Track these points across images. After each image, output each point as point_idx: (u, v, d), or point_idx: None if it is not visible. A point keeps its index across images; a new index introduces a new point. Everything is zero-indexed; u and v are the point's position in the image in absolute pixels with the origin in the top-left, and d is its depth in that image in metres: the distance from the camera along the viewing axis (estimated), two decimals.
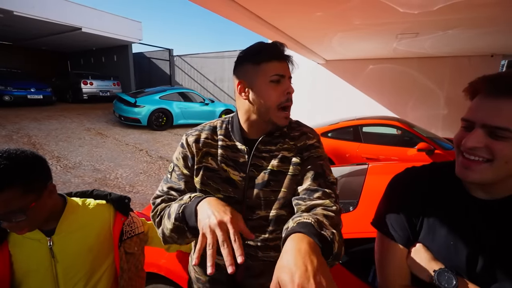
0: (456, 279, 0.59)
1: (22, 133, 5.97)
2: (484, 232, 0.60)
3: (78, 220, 0.88)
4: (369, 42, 4.36)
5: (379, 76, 6.38)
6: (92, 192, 1.00)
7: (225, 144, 0.86)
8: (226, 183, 0.83)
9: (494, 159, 0.54)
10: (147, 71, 13.27)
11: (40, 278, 0.82)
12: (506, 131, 0.52)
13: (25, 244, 0.82)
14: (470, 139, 0.56)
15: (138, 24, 11.45)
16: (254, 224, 0.82)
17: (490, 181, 0.57)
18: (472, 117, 0.57)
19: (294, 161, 0.83)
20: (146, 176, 4.53)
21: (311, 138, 0.87)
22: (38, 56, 13.58)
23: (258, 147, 0.84)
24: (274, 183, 0.82)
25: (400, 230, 0.69)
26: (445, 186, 0.67)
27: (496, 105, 0.53)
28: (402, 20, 2.95)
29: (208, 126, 0.91)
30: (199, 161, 0.85)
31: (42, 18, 8.24)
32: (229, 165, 0.84)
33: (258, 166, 0.83)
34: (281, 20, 3.17)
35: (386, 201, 0.75)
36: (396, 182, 0.75)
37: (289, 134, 0.88)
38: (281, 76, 0.79)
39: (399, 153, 3.87)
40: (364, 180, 1.85)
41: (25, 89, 8.67)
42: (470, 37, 3.79)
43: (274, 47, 0.80)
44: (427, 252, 0.65)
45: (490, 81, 0.55)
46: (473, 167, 0.57)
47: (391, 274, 0.68)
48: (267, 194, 0.82)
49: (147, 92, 8.06)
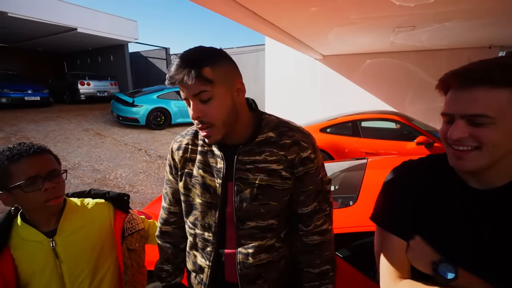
0: (456, 270, 0.59)
1: (20, 135, 5.95)
2: (482, 222, 0.60)
3: (79, 220, 0.89)
4: (365, 36, 4.35)
5: (376, 70, 6.38)
6: (89, 191, 1.00)
7: (204, 149, 0.84)
8: (204, 189, 0.82)
9: (482, 145, 0.56)
10: (144, 70, 13.21)
11: (46, 279, 0.83)
12: (483, 117, 0.55)
13: (26, 247, 0.82)
14: (454, 131, 0.59)
15: (133, 23, 11.38)
16: (244, 233, 0.82)
17: (485, 167, 0.58)
18: (451, 110, 0.60)
19: (284, 175, 0.79)
20: (146, 175, 4.53)
21: (305, 148, 0.79)
22: (34, 57, 13.49)
23: (240, 159, 0.79)
24: (263, 196, 0.79)
25: (398, 223, 0.69)
26: (442, 178, 0.67)
27: (469, 95, 0.57)
28: (399, 13, 2.94)
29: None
30: (182, 167, 0.86)
31: (37, 19, 8.17)
32: (206, 171, 0.82)
33: (244, 179, 0.79)
34: (277, 16, 3.15)
35: (384, 195, 0.76)
36: (393, 175, 0.75)
37: (277, 142, 0.79)
38: (186, 100, 0.73)
39: (398, 147, 3.87)
40: (363, 175, 1.86)
41: (22, 91, 8.62)
42: (467, 29, 3.78)
43: (170, 69, 0.71)
44: (425, 244, 0.65)
45: (460, 75, 0.58)
46: (465, 156, 0.59)
47: (390, 267, 0.68)
48: (256, 207, 0.80)
49: (145, 92, 8.03)
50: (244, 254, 0.82)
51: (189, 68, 0.68)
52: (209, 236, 0.84)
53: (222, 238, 0.84)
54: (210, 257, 0.85)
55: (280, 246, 0.86)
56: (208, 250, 0.85)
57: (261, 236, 0.82)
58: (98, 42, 11.34)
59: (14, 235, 0.83)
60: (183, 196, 0.87)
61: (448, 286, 0.59)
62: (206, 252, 0.86)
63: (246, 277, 0.83)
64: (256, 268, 0.83)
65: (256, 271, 0.83)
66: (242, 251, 0.83)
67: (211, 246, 0.84)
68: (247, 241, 0.82)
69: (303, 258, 0.88)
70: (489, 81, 0.55)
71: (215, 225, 0.83)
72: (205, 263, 0.86)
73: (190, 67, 0.68)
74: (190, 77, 0.68)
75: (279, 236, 0.86)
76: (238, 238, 0.82)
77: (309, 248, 0.86)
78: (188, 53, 0.72)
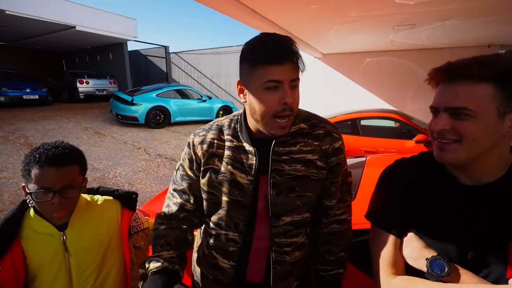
0: (449, 265, 0.60)
1: (19, 134, 5.93)
2: (474, 218, 0.61)
3: (88, 215, 0.92)
4: (365, 34, 4.34)
5: (376, 69, 6.36)
6: (98, 189, 1.03)
7: (233, 145, 0.80)
8: (233, 186, 0.79)
9: (462, 138, 0.59)
10: (143, 68, 13.18)
11: (55, 271, 0.84)
12: (465, 109, 0.57)
13: (37, 239, 0.84)
14: (437, 123, 0.62)
15: (133, 22, 11.34)
16: (279, 231, 0.80)
17: (465, 160, 0.61)
18: (436, 103, 0.64)
19: (320, 165, 0.79)
20: (145, 174, 4.52)
21: (337, 139, 0.81)
22: (33, 56, 13.44)
23: (276, 150, 0.77)
24: (299, 188, 0.78)
25: (392, 220, 0.70)
26: (434, 175, 0.69)
27: (453, 89, 0.60)
28: (399, 12, 2.93)
29: (216, 125, 0.85)
30: (206, 162, 0.81)
31: (35, 17, 8.14)
32: (236, 167, 0.78)
33: (280, 171, 0.77)
34: (276, 14, 3.14)
35: (378, 193, 0.77)
36: (387, 174, 0.77)
37: (311, 132, 0.80)
38: (278, 82, 0.68)
39: (398, 145, 3.87)
40: (362, 173, 1.85)
41: (21, 89, 8.59)
42: (467, 28, 3.77)
43: (272, 48, 0.67)
44: (419, 240, 0.66)
45: (445, 71, 0.62)
46: (446, 147, 0.61)
47: (385, 264, 0.69)
48: (292, 200, 0.78)
49: (144, 90, 8.01)
50: (279, 253, 0.81)
51: (293, 52, 0.69)
52: (234, 235, 0.81)
53: (249, 236, 0.82)
54: (234, 257, 0.83)
55: (307, 242, 0.88)
56: (231, 250, 0.83)
57: (295, 232, 0.82)
58: (97, 41, 11.30)
59: (25, 226, 0.85)
60: (207, 194, 0.83)
61: (441, 281, 0.60)
62: (229, 252, 0.83)
63: (279, 275, 0.83)
64: (290, 265, 0.84)
65: (288, 268, 0.84)
66: (277, 250, 0.81)
67: (236, 246, 0.82)
68: (281, 239, 0.81)
69: (322, 248, 0.90)
70: (470, 76, 0.57)
71: (242, 224, 0.80)
72: (228, 264, 0.84)
73: (293, 52, 0.69)
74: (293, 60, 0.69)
75: (307, 233, 0.88)
76: (271, 236, 0.80)
77: (328, 237, 0.88)
78: (279, 36, 0.70)
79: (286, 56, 0.68)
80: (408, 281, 0.64)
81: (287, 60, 0.68)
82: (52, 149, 0.81)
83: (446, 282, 0.59)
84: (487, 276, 0.59)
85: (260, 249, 0.82)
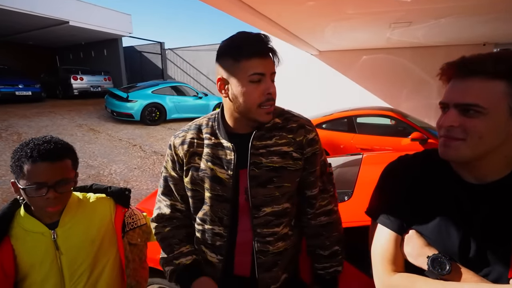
0: (450, 264, 0.59)
1: (12, 131, 5.84)
2: (476, 217, 0.61)
3: (80, 214, 0.90)
4: (362, 32, 4.34)
5: (372, 66, 6.38)
6: (91, 186, 1.01)
7: (211, 142, 0.84)
8: (214, 182, 0.83)
9: (467, 136, 0.58)
10: (139, 65, 13.03)
11: (46, 271, 0.83)
12: (475, 106, 0.56)
13: (27, 238, 0.83)
14: (445, 118, 0.61)
15: (127, 17, 11.18)
16: (260, 221, 0.84)
17: (469, 158, 0.59)
18: (446, 99, 0.62)
19: (295, 156, 0.83)
20: (140, 171, 4.49)
21: (310, 131, 0.86)
22: (25, 51, 13.18)
23: (254, 144, 0.82)
24: (277, 179, 0.82)
25: (393, 217, 0.70)
26: (437, 173, 0.68)
27: (464, 85, 0.58)
28: (395, 9, 2.93)
29: (194, 125, 0.90)
30: (187, 162, 0.86)
31: (27, 11, 7.96)
32: (215, 163, 0.83)
33: (258, 164, 0.81)
34: (273, 10, 3.12)
35: (379, 189, 0.76)
36: (389, 170, 0.76)
37: (285, 126, 0.85)
38: (262, 75, 0.74)
39: (393, 143, 3.89)
40: (358, 170, 1.86)
41: (13, 85, 8.43)
42: (463, 26, 3.79)
43: (256, 43, 0.73)
44: (420, 238, 0.66)
45: (457, 66, 0.60)
46: (450, 144, 0.60)
47: (384, 261, 0.68)
48: (271, 191, 0.82)
49: (139, 87, 7.93)
50: (262, 243, 0.84)
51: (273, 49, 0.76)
52: (219, 229, 0.85)
53: (233, 229, 0.86)
54: (221, 251, 0.86)
55: (292, 234, 0.90)
56: (218, 244, 0.86)
57: (277, 222, 0.84)
58: (91, 36, 11.12)
59: (15, 225, 0.84)
60: (191, 191, 0.87)
61: (441, 279, 0.60)
62: (217, 246, 0.86)
63: (263, 266, 0.85)
64: (274, 256, 0.85)
65: (273, 259, 0.86)
66: (260, 240, 0.84)
67: (222, 240, 0.85)
68: (263, 230, 0.84)
69: (314, 241, 0.91)
70: (483, 72, 0.55)
71: (226, 217, 0.84)
72: (216, 258, 0.87)
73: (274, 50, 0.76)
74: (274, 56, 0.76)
75: (290, 224, 0.89)
76: (253, 227, 0.84)
77: (318, 230, 0.90)
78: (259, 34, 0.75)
79: (268, 51, 0.75)
80: (409, 278, 0.64)
81: (267, 55, 0.75)
82: (44, 144, 0.79)
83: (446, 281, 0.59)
84: (488, 275, 0.58)
85: (245, 242, 0.85)
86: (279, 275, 0.88)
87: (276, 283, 0.88)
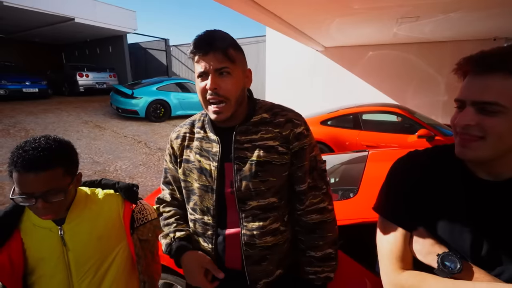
0: (461, 262, 0.58)
1: (19, 127, 5.92)
2: (488, 215, 0.59)
3: (87, 210, 0.90)
4: (368, 27, 4.28)
5: (378, 62, 6.30)
6: (100, 181, 1.01)
7: (200, 135, 0.89)
8: (201, 173, 0.86)
9: (487, 135, 0.55)
10: (143, 62, 13.08)
11: (53, 265, 0.84)
12: (495, 105, 0.53)
13: (36, 233, 0.84)
14: (462, 117, 0.58)
15: (132, 14, 11.20)
16: (248, 214, 0.85)
17: (488, 158, 0.57)
18: (463, 96, 0.59)
19: (281, 151, 0.83)
20: (146, 167, 4.53)
21: (298, 125, 0.85)
22: (31, 48, 13.33)
23: (238, 139, 0.83)
24: (262, 173, 0.82)
25: (402, 214, 0.68)
26: (448, 169, 0.66)
27: (483, 82, 0.55)
28: (403, 3, 2.88)
29: (190, 121, 0.95)
30: (180, 155, 0.91)
31: (34, 8, 8.03)
32: (202, 155, 0.87)
33: (243, 158, 0.83)
34: (279, 6, 3.09)
35: (388, 185, 0.74)
36: (398, 166, 0.74)
37: (272, 121, 0.85)
38: (204, 73, 0.78)
39: (400, 140, 3.85)
40: (364, 167, 1.84)
41: (20, 82, 8.53)
42: (472, 20, 3.71)
43: (197, 42, 0.77)
44: (430, 236, 0.64)
45: (475, 61, 0.56)
46: (468, 145, 0.58)
47: (392, 258, 0.67)
48: (256, 185, 0.82)
49: (144, 83, 7.96)
50: (248, 236, 0.85)
51: (218, 44, 0.76)
52: (208, 219, 0.88)
53: (222, 221, 0.87)
54: (212, 240, 0.88)
55: (284, 229, 0.89)
56: (209, 233, 0.88)
57: (263, 216, 0.85)
58: (96, 33, 11.19)
59: (25, 219, 0.85)
60: (183, 182, 0.92)
61: (452, 278, 0.58)
62: (208, 236, 0.89)
63: (251, 258, 0.86)
64: (261, 250, 0.85)
65: (261, 253, 0.86)
66: (246, 233, 0.85)
67: (212, 229, 0.88)
68: (249, 223, 0.85)
69: (306, 237, 0.90)
70: (506, 69, 0.52)
71: (213, 208, 0.86)
72: (208, 247, 0.89)
73: (219, 44, 0.76)
74: (219, 51, 0.76)
75: (282, 219, 0.89)
76: (241, 220, 0.85)
77: (310, 227, 0.88)
78: (212, 31, 0.79)
79: (209, 48, 0.76)
80: (418, 276, 0.62)
81: (209, 51, 0.76)
82: (30, 151, 0.73)
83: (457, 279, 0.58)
84: (500, 275, 0.57)
85: (234, 235, 0.87)
86: (272, 270, 0.88)
87: (268, 277, 0.88)
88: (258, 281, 0.88)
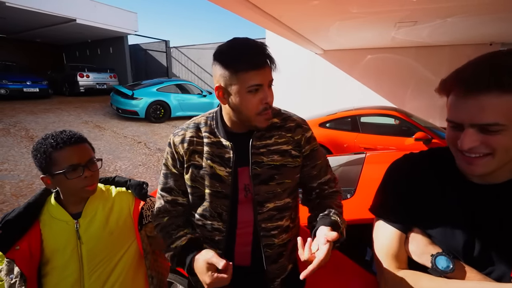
0: (453, 262, 0.60)
1: (19, 127, 5.93)
2: (481, 216, 0.61)
3: (102, 206, 0.95)
4: (367, 31, 4.32)
5: (377, 66, 6.35)
6: (114, 178, 1.07)
7: (210, 141, 0.87)
8: (213, 179, 0.85)
9: (495, 151, 0.55)
10: (144, 63, 13.10)
11: (67, 257, 0.88)
12: (495, 125, 0.53)
13: (54, 225, 0.89)
14: (465, 141, 0.56)
15: (133, 15, 11.24)
16: (264, 216, 0.87)
17: (495, 170, 0.58)
18: (458, 118, 0.57)
19: (294, 154, 0.88)
20: (145, 168, 4.54)
21: (307, 130, 0.91)
22: (33, 48, 13.35)
23: (254, 144, 0.85)
24: (279, 176, 0.86)
25: (398, 215, 0.70)
26: (442, 171, 0.68)
27: (477, 103, 0.53)
28: (401, 8, 2.92)
29: (193, 124, 0.91)
30: (188, 159, 0.88)
31: (35, 9, 8.07)
32: (215, 161, 0.85)
33: (259, 163, 0.85)
34: (278, 9, 3.13)
35: (384, 186, 0.76)
36: (394, 168, 0.76)
37: (283, 126, 0.89)
38: (259, 86, 0.77)
39: (397, 142, 3.88)
40: (361, 169, 1.87)
41: (21, 82, 8.55)
42: (469, 25, 3.76)
43: (254, 55, 0.74)
44: (424, 236, 0.66)
45: (465, 81, 0.54)
46: (476, 162, 0.57)
47: (388, 258, 0.69)
48: (273, 188, 0.86)
49: (144, 84, 7.98)
50: (267, 237, 0.87)
51: (271, 58, 0.78)
52: (219, 225, 0.88)
53: (232, 225, 0.89)
54: (220, 245, 0.88)
55: (293, 226, 0.94)
56: (217, 239, 0.89)
57: (280, 216, 0.88)
58: (97, 34, 11.21)
59: (45, 211, 0.91)
60: (191, 188, 0.89)
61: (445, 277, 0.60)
62: (216, 241, 0.89)
63: (270, 258, 0.89)
64: (279, 248, 0.89)
65: (278, 251, 0.89)
66: (265, 234, 0.87)
67: (221, 235, 0.88)
68: (267, 224, 0.87)
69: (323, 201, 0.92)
70: (499, 86, 0.51)
71: (225, 213, 0.87)
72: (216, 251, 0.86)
73: (271, 58, 0.78)
74: (274, 65, 0.78)
75: (291, 217, 0.93)
76: (258, 222, 0.87)
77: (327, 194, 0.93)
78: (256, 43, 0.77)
79: (265, 62, 0.76)
80: (413, 275, 0.64)
81: (265, 65, 0.77)
82: (61, 134, 0.87)
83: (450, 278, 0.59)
84: (490, 274, 0.58)
85: (245, 234, 0.89)
86: (286, 265, 0.93)
87: (284, 273, 0.92)
88: (276, 278, 0.90)
